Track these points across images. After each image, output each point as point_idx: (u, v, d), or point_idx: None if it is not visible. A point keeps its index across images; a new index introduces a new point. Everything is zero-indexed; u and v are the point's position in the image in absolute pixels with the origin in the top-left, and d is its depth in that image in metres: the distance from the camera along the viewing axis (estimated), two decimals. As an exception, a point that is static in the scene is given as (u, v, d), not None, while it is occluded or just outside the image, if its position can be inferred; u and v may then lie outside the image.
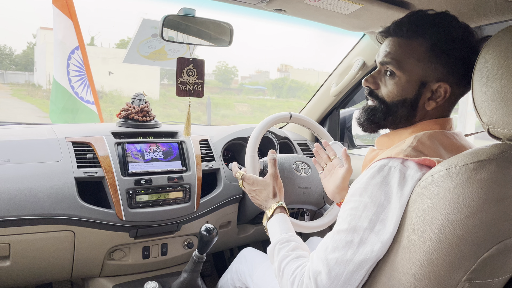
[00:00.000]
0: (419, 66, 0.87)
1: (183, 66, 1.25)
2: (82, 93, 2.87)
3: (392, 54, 0.89)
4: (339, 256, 0.79)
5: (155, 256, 1.55)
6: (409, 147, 0.81)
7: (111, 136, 1.49)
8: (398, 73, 0.89)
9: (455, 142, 0.87)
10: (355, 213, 0.80)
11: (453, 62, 0.85)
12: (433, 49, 0.86)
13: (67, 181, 1.33)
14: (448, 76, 0.86)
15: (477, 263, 0.70)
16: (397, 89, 0.90)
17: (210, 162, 1.64)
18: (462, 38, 0.85)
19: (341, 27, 1.44)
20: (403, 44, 0.88)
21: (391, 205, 0.77)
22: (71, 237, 1.34)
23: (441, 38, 0.85)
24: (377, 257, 0.77)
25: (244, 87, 22.39)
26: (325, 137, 1.69)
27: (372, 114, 0.95)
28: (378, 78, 0.93)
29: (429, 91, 0.88)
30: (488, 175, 0.67)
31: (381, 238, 0.77)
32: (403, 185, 0.77)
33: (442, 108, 0.90)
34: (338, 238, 0.81)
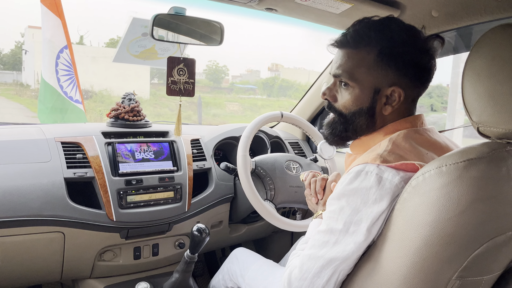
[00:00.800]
0: (370, 74, 0.88)
1: (173, 65, 1.24)
2: (71, 93, 2.83)
3: (343, 66, 0.90)
4: (313, 253, 0.84)
5: (147, 256, 1.53)
6: (385, 151, 0.82)
7: (101, 136, 1.48)
8: (351, 84, 0.90)
9: (429, 138, 0.88)
10: (332, 215, 0.83)
11: (402, 66, 0.86)
12: (381, 56, 0.87)
13: (56, 182, 1.32)
14: (400, 80, 0.87)
15: (468, 260, 0.70)
16: (352, 99, 0.91)
17: (202, 161, 1.63)
18: (408, 41, 0.86)
19: (331, 26, 1.45)
20: (352, 55, 0.89)
21: (366, 209, 0.79)
22: (61, 238, 1.32)
23: (387, 44, 0.86)
24: (347, 256, 0.81)
25: (235, 86, 22.36)
26: (316, 136, 1.69)
27: (333, 127, 0.96)
28: (335, 90, 0.94)
29: (383, 96, 0.89)
30: (478, 173, 0.67)
31: (354, 239, 0.80)
32: (381, 189, 0.78)
33: (399, 111, 0.91)
34: (317, 237, 0.85)
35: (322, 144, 1.52)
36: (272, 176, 1.50)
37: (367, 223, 0.78)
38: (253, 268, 1.42)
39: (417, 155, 0.82)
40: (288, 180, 1.53)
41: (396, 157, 0.81)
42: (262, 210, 1.41)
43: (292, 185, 1.53)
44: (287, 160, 1.58)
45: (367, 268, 0.81)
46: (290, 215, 1.87)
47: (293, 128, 2.08)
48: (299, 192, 1.53)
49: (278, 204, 1.49)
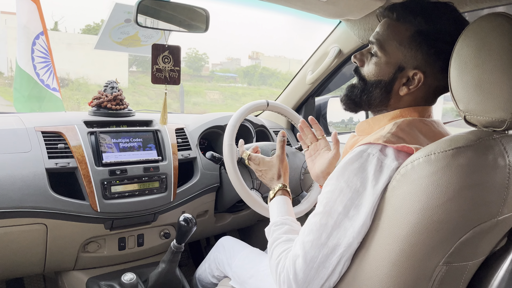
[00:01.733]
0: (399, 50, 0.88)
1: (158, 53, 1.21)
2: (48, 81, 2.75)
3: (378, 35, 0.91)
4: (314, 239, 0.80)
5: (132, 247, 1.52)
6: (389, 133, 0.82)
7: (83, 125, 1.44)
8: (379, 54, 0.90)
9: (433, 129, 0.88)
10: (331, 196, 0.81)
11: (433, 53, 0.86)
12: (416, 36, 0.86)
13: (37, 173, 1.28)
14: (426, 66, 0.87)
15: (455, 246, 0.72)
16: (376, 69, 0.91)
17: (187, 151, 1.62)
18: (449, 31, 0.84)
19: (317, 14, 1.44)
20: (391, 26, 0.90)
21: (366, 192, 0.78)
22: (43, 230, 1.29)
23: (427, 27, 0.85)
24: (349, 242, 0.79)
25: (215, 75, 22.16)
26: (302, 125, 1.70)
27: (351, 91, 0.97)
28: (365, 56, 0.95)
29: (405, 76, 0.89)
30: (465, 161, 0.68)
31: (353, 224, 0.78)
32: (379, 174, 0.78)
33: (415, 96, 0.90)
34: (314, 220, 0.82)
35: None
36: (258, 165, 1.49)
37: (366, 207, 0.77)
38: (240, 257, 1.42)
39: (417, 142, 0.82)
40: (274, 168, 1.53)
41: (398, 139, 0.81)
42: (249, 199, 1.41)
43: (278, 173, 1.53)
44: (273, 149, 1.58)
45: (356, 255, 0.82)
46: (275, 203, 1.88)
47: (277, 116, 2.08)
48: (285, 181, 1.54)
49: (265, 193, 1.50)
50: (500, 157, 0.69)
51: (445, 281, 0.76)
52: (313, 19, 1.54)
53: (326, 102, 2.10)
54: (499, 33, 0.70)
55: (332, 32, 1.73)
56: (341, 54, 1.73)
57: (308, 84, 1.90)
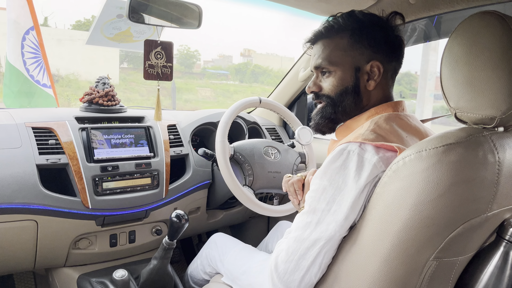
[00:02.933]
0: (347, 55, 0.95)
1: (150, 49, 1.20)
2: (38, 76, 2.71)
3: (321, 56, 0.98)
4: (298, 235, 0.85)
5: (123, 243, 1.51)
6: (367, 130, 0.86)
7: (75, 121, 1.43)
8: (332, 68, 0.96)
9: (409, 123, 0.92)
10: (314, 195, 0.85)
11: (374, 42, 0.94)
12: (353, 37, 0.95)
13: (28, 169, 1.27)
14: (376, 55, 0.94)
15: (445, 242, 0.73)
16: (336, 81, 0.97)
17: (179, 147, 1.61)
18: (373, 21, 0.95)
19: (309, 11, 1.44)
20: (328, 43, 0.97)
21: (347, 187, 0.81)
22: (33, 227, 1.28)
23: (356, 26, 0.95)
24: (330, 236, 0.82)
25: (207, 72, 22.01)
26: (294, 122, 1.70)
27: (322, 111, 1.01)
28: (318, 81, 1.01)
29: (364, 73, 0.95)
30: (456, 157, 0.69)
31: (336, 218, 0.81)
32: (361, 169, 0.80)
33: (383, 86, 0.97)
34: (300, 219, 0.87)
35: (300, 130, 1.53)
36: (251, 161, 1.50)
37: (348, 202, 0.80)
38: (232, 253, 1.42)
39: (396, 136, 0.86)
40: (266, 165, 1.53)
41: (377, 136, 0.84)
42: (241, 196, 1.41)
43: (271, 170, 1.53)
44: (266, 146, 1.58)
45: (348, 250, 0.83)
46: (267, 200, 1.88)
47: (269, 114, 2.08)
48: (277, 178, 1.54)
49: (257, 189, 1.50)
50: (490, 154, 0.70)
51: (435, 276, 0.77)
52: (305, 16, 1.54)
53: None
54: (489, 31, 0.71)
55: (325, 30, 1.73)
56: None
57: (300, 81, 1.91)
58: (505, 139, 0.73)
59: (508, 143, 0.73)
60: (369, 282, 0.77)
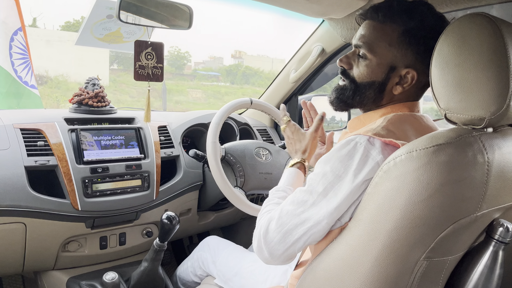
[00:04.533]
0: (390, 51, 0.89)
1: (141, 49, 1.20)
2: (26, 77, 2.68)
3: (365, 38, 0.92)
4: (291, 210, 0.86)
5: (113, 246, 1.50)
6: (379, 126, 0.84)
7: (64, 122, 1.42)
8: (369, 56, 0.91)
9: (423, 124, 0.90)
10: (315, 178, 0.85)
11: (423, 50, 0.88)
12: (404, 35, 0.88)
13: (16, 171, 1.25)
14: (417, 63, 0.89)
15: (435, 242, 0.73)
16: (367, 71, 0.92)
17: (169, 149, 1.60)
18: (435, 27, 0.86)
19: (300, 12, 1.45)
20: (377, 28, 0.91)
21: (346, 179, 0.81)
22: (22, 230, 1.27)
23: (414, 25, 0.87)
24: (319, 220, 0.83)
25: (198, 73, 21.93)
26: (285, 123, 1.70)
27: (342, 93, 0.97)
28: (352, 59, 0.96)
29: (397, 76, 0.90)
30: (446, 158, 0.70)
31: (328, 205, 0.82)
32: (363, 165, 0.80)
33: (408, 93, 0.92)
34: (297, 195, 0.87)
35: (291, 131, 1.52)
36: (242, 163, 1.50)
37: (343, 192, 0.80)
38: (224, 254, 1.42)
39: (406, 137, 0.84)
40: (258, 167, 1.53)
41: (388, 133, 0.83)
42: (233, 197, 1.41)
43: (262, 171, 1.53)
44: (257, 147, 1.58)
45: (339, 250, 0.83)
46: (258, 201, 1.88)
47: (260, 115, 2.08)
48: (268, 179, 1.54)
49: (248, 191, 1.50)
50: (479, 154, 0.71)
51: (425, 276, 0.77)
52: (296, 17, 1.54)
53: (309, 100, 2.10)
54: (478, 32, 0.71)
55: (315, 31, 1.74)
56: (324, 53, 1.74)
57: (291, 82, 1.91)
58: (494, 140, 0.74)
59: (497, 143, 0.74)
60: (361, 282, 0.77)
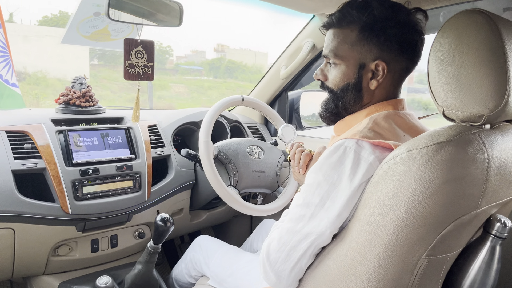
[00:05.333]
0: (353, 50, 0.91)
1: (131, 48, 1.17)
2: (7, 76, 2.59)
3: (329, 46, 0.95)
4: (291, 227, 0.85)
5: (105, 248, 1.47)
6: (365, 128, 0.85)
7: (51, 123, 1.37)
8: (337, 62, 0.94)
9: (407, 122, 0.91)
10: (309, 189, 0.84)
11: (384, 40, 0.90)
12: (362, 32, 0.90)
13: (3, 175, 1.21)
14: (384, 54, 0.90)
15: (436, 240, 0.73)
16: (339, 76, 0.94)
17: (160, 148, 1.58)
18: (389, 16, 0.89)
19: (291, 8, 1.43)
20: (337, 34, 0.94)
21: (342, 185, 0.80)
22: (10, 235, 1.23)
23: (368, 20, 0.90)
24: (321, 231, 0.82)
25: (180, 68, 21.70)
26: (276, 120, 1.69)
27: (326, 105, 1.00)
28: (325, 70, 0.99)
29: (369, 71, 0.92)
30: (447, 156, 0.70)
31: (328, 215, 0.81)
32: (356, 168, 0.80)
33: (386, 86, 0.93)
34: (294, 211, 0.86)
35: (283, 128, 1.52)
36: (235, 161, 1.48)
37: (341, 199, 0.80)
38: (218, 256, 1.40)
39: (394, 135, 0.85)
40: (250, 165, 1.52)
41: (375, 134, 0.83)
42: (226, 197, 1.40)
43: (255, 170, 1.52)
44: (249, 145, 1.57)
45: (340, 251, 0.82)
46: (250, 199, 1.87)
47: (250, 111, 2.07)
48: (261, 177, 1.53)
49: (242, 189, 1.48)
50: (479, 152, 0.71)
51: (426, 274, 0.77)
52: (281, 11, 1.53)
53: (299, 96, 2.10)
54: (475, 29, 0.71)
55: (306, 27, 1.72)
56: (315, 49, 1.73)
57: (282, 78, 1.90)
58: (492, 136, 0.74)
59: (495, 140, 0.74)
60: (362, 282, 0.77)
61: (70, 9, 14.18)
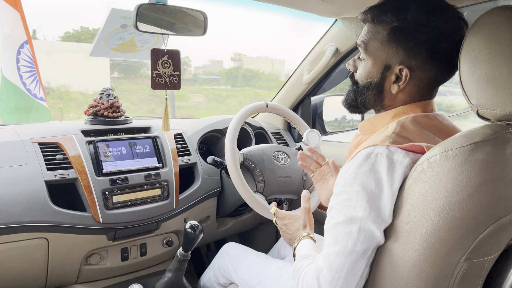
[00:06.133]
0: (381, 50, 0.89)
1: (157, 58, 1.19)
2: (35, 90, 2.69)
3: (361, 38, 0.93)
4: (340, 249, 0.77)
5: (134, 257, 1.49)
6: (393, 133, 0.82)
7: (81, 134, 1.41)
8: (365, 56, 0.92)
9: (437, 123, 0.88)
10: (349, 204, 0.79)
11: (413, 45, 0.86)
12: (393, 33, 0.87)
13: (36, 186, 1.24)
14: (410, 60, 0.86)
15: (475, 243, 0.71)
16: (365, 71, 0.92)
17: (187, 156, 1.59)
18: (423, 22, 0.85)
19: (314, 13, 1.43)
20: (371, 29, 0.91)
21: (383, 193, 0.76)
22: (44, 245, 1.26)
23: (400, 22, 0.86)
24: (377, 244, 0.77)
25: (198, 78, 21.98)
26: (301, 126, 1.69)
27: (347, 96, 0.99)
28: (357, 61, 0.97)
29: (393, 74, 0.88)
30: (484, 156, 0.68)
31: (379, 227, 0.76)
32: (393, 171, 0.77)
33: (408, 92, 0.89)
34: (337, 231, 0.79)
35: (308, 133, 1.51)
36: (261, 167, 1.48)
37: (388, 206, 0.76)
38: (246, 263, 1.40)
39: (424, 138, 0.82)
40: (277, 171, 1.52)
41: (404, 139, 0.81)
42: (253, 203, 1.40)
43: (281, 175, 1.52)
44: (275, 151, 1.57)
45: (377, 256, 0.81)
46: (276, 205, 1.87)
47: (273, 118, 2.07)
48: (288, 183, 1.53)
49: (269, 195, 1.48)
50: None
51: (466, 278, 0.75)
52: (303, 17, 1.53)
53: (322, 101, 2.09)
54: (509, 26, 0.70)
55: (328, 31, 1.72)
56: (338, 53, 1.72)
57: (304, 84, 1.89)
58: None
59: None
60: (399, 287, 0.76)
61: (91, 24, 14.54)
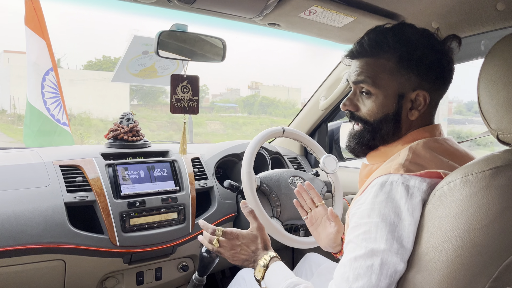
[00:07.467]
0: (393, 80, 0.87)
1: (177, 83, 1.22)
2: (59, 115, 2.79)
3: (365, 73, 0.89)
4: (364, 284, 0.74)
5: (150, 281, 1.48)
6: (406, 160, 0.80)
7: (101, 157, 1.44)
8: (374, 91, 0.89)
9: (448, 147, 0.87)
10: (369, 236, 0.76)
11: (423, 69, 0.86)
12: (401, 61, 0.86)
13: (56, 207, 1.26)
14: (423, 83, 0.87)
15: (499, 270, 0.69)
16: (377, 106, 0.89)
17: (203, 180, 1.60)
18: (425, 43, 0.86)
19: (332, 40, 1.45)
20: (372, 63, 0.89)
21: (404, 222, 0.74)
22: (61, 267, 1.26)
23: (406, 48, 0.86)
24: (401, 275, 0.75)
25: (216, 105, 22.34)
26: (318, 151, 1.69)
27: (360, 137, 0.93)
28: (355, 99, 0.93)
29: (408, 101, 0.88)
30: (506, 181, 0.67)
31: (403, 258, 0.74)
32: (411, 198, 0.75)
33: (424, 115, 0.90)
34: (358, 265, 0.76)
35: (325, 159, 1.51)
36: (278, 192, 1.48)
37: (409, 238, 0.74)
38: (262, 288, 1.38)
39: (437, 164, 0.81)
40: (293, 196, 1.50)
41: (418, 167, 0.79)
42: (270, 228, 1.39)
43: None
44: (291, 176, 1.57)
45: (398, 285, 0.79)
46: (292, 231, 1.84)
47: (290, 143, 2.07)
48: (304, 208, 1.51)
49: (285, 221, 1.47)
50: None
51: (490, 307, 0.72)
52: (315, 44, 1.54)
53: (338, 127, 2.10)
54: None
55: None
56: (355, 79, 1.73)
57: (321, 110, 1.91)
58: None
59: None
60: None
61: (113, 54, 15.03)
